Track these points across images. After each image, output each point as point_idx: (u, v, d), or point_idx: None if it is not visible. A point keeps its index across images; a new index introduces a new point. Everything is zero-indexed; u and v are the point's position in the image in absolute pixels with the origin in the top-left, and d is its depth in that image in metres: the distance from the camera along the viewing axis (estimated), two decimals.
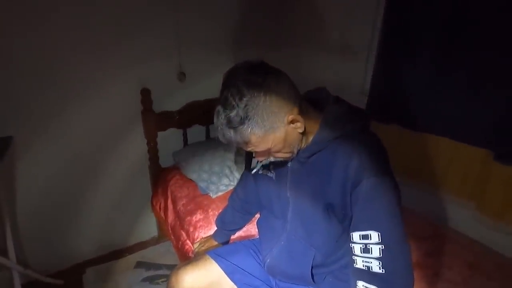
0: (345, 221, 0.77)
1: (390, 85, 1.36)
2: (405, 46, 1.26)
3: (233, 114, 0.65)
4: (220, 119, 0.67)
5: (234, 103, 0.64)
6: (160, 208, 1.67)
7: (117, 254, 1.80)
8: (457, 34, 1.12)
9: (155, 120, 1.63)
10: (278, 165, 0.87)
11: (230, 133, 0.67)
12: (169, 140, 1.76)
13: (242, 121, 0.65)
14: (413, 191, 1.41)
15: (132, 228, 1.85)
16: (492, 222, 1.12)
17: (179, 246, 1.42)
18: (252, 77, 0.64)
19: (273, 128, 0.67)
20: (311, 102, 0.80)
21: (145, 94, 1.58)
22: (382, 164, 0.71)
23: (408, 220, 1.30)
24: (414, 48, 1.24)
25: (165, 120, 1.67)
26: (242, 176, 1.13)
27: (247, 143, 0.69)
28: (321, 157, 0.76)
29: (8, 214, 1.31)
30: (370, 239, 0.70)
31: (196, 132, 1.82)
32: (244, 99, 0.64)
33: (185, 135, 1.79)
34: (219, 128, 0.69)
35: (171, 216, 1.57)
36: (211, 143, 1.73)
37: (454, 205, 1.27)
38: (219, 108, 0.67)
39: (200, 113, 1.75)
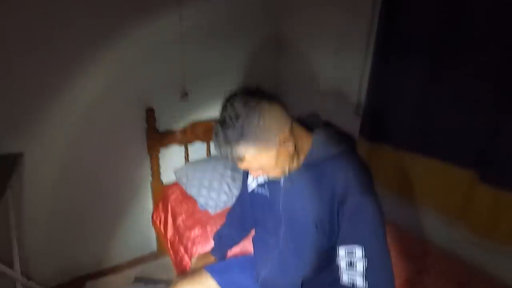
0: (333, 236, 0.82)
1: (382, 107, 1.43)
2: (396, 73, 1.34)
3: (230, 132, 0.72)
4: (218, 137, 0.75)
5: (231, 122, 0.72)
6: (160, 223, 1.72)
7: (117, 268, 1.83)
8: (444, 63, 1.20)
9: (158, 138, 1.70)
10: (272, 184, 0.93)
11: (227, 150, 0.74)
12: (171, 156, 1.83)
13: (238, 140, 0.72)
14: (404, 209, 1.46)
15: (132, 243, 1.88)
16: (480, 241, 1.16)
17: (178, 261, 1.45)
18: (248, 100, 0.72)
19: (266, 147, 0.74)
20: (303, 125, 0.87)
21: (150, 113, 1.66)
22: (366, 185, 0.77)
23: (398, 238, 1.36)
24: (404, 74, 1.32)
25: (168, 137, 1.74)
26: (239, 194, 1.19)
27: (241, 160, 0.75)
28: (311, 176, 0.82)
29: (15, 227, 1.36)
30: (355, 254, 0.75)
31: (197, 149, 1.89)
32: (240, 119, 0.71)
33: (186, 152, 1.85)
34: (216, 144, 0.76)
35: (170, 231, 1.61)
36: (211, 161, 1.79)
37: (443, 223, 1.31)
38: (218, 126, 0.75)
39: (201, 132, 1.83)
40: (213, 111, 1.86)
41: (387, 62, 1.35)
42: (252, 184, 1.01)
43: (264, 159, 0.75)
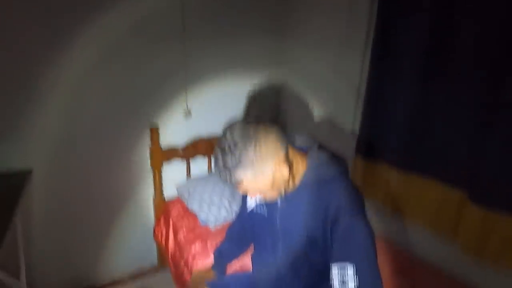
0: (327, 255, 0.87)
1: (377, 127, 1.49)
2: (390, 93, 1.41)
3: (229, 160, 0.78)
4: (218, 162, 0.80)
5: (230, 150, 0.78)
6: (161, 237, 1.76)
7: (118, 281, 1.87)
8: (435, 84, 1.27)
9: (161, 155, 1.76)
10: (269, 203, 0.98)
11: (226, 175, 0.80)
12: (173, 171, 1.88)
13: (236, 166, 0.78)
14: (398, 226, 1.51)
15: (134, 256, 1.92)
16: (471, 259, 1.20)
17: (178, 275, 1.49)
18: (246, 130, 0.78)
19: (262, 172, 0.79)
20: (298, 148, 0.93)
21: (154, 131, 1.73)
22: (357, 207, 0.83)
23: (391, 254, 1.40)
24: (397, 95, 1.39)
25: (171, 154, 1.80)
26: (239, 211, 1.24)
27: (240, 184, 0.81)
28: (306, 197, 0.87)
29: (22, 239, 1.40)
30: (347, 272, 0.79)
31: (199, 164, 1.95)
32: (238, 147, 0.77)
33: (188, 167, 1.91)
34: (217, 170, 0.82)
35: (171, 246, 1.65)
36: (212, 176, 1.85)
37: (435, 241, 1.35)
38: (218, 154, 0.81)
39: (203, 148, 1.89)
40: (214, 128, 1.92)
41: (381, 87, 1.43)
42: (250, 203, 1.06)
43: (260, 183, 0.81)
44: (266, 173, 0.80)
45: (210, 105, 1.89)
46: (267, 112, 2.12)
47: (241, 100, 2.01)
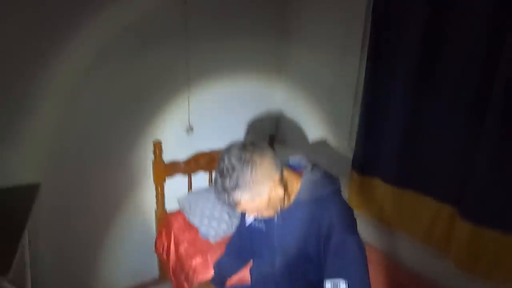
0: (321, 268, 0.91)
1: (371, 145, 1.55)
2: (382, 115, 1.47)
3: (227, 183, 0.83)
4: (217, 185, 0.86)
5: (228, 174, 0.83)
6: (163, 250, 1.80)
7: None
8: (424, 103, 1.33)
9: (164, 169, 1.82)
10: (267, 219, 1.04)
11: (224, 197, 0.85)
12: (175, 185, 1.94)
13: (233, 189, 0.83)
14: (394, 240, 1.55)
15: (135, 269, 1.96)
16: (463, 274, 1.23)
17: None
18: (242, 154, 0.84)
19: (259, 193, 0.85)
20: (293, 167, 0.99)
21: (157, 146, 1.79)
22: (348, 224, 0.88)
23: (386, 267, 1.43)
24: (390, 115, 1.45)
25: (173, 168, 1.86)
26: (238, 226, 1.29)
27: (237, 205, 0.86)
28: (300, 214, 0.92)
29: (29, 254, 1.45)
30: (339, 287, 0.84)
31: (200, 178, 2.00)
32: (236, 171, 0.82)
33: (190, 181, 1.97)
34: (216, 192, 0.87)
35: (173, 259, 1.69)
36: (213, 190, 1.89)
37: (429, 255, 1.39)
38: (217, 177, 0.86)
39: (204, 162, 1.95)
40: (215, 143, 1.99)
41: (375, 107, 1.50)
42: (249, 217, 1.11)
43: (257, 204, 0.86)
44: (263, 194, 0.85)
45: (211, 121, 1.96)
46: (266, 130, 2.19)
47: (242, 116, 2.08)
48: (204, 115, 1.93)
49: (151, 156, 1.82)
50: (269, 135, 2.16)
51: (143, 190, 1.87)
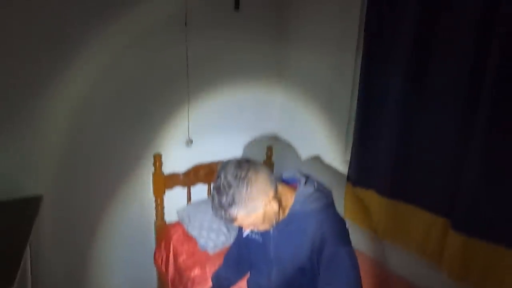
0: (316, 281, 0.94)
1: (366, 156, 1.59)
2: (376, 129, 1.52)
3: (223, 199, 0.87)
4: (214, 202, 0.90)
5: (224, 191, 0.87)
6: (162, 262, 1.82)
7: None
8: (415, 116, 1.38)
9: (163, 181, 1.86)
10: (264, 231, 1.07)
11: (222, 213, 0.89)
12: (175, 197, 1.97)
13: (230, 205, 0.87)
14: (389, 251, 1.58)
15: (134, 280, 1.97)
16: (457, 284, 1.26)
17: None
18: (238, 171, 0.88)
19: (254, 209, 0.88)
20: (287, 181, 1.03)
21: (157, 158, 1.84)
22: (340, 237, 0.91)
23: (381, 278, 1.45)
24: (382, 129, 1.50)
25: (173, 180, 1.90)
26: (236, 237, 1.32)
27: (234, 220, 0.90)
28: (295, 228, 0.96)
29: (30, 265, 1.47)
30: None
31: (199, 190, 2.04)
32: (232, 189, 0.86)
33: (189, 193, 2.00)
34: (213, 208, 0.91)
35: (171, 270, 1.71)
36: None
37: (424, 266, 1.41)
38: (214, 193, 0.90)
39: (203, 174, 1.99)
40: (214, 155, 2.03)
41: (368, 123, 1.55)
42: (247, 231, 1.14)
43: (253, 219, 0.90)
44: (258, 210, 0.89)
45: (211, 133, 2.02)
46: (265, 142, 2.24)
47: (241, 128, 2.13)
48: (203, 128, 1.98)
49: (151, 168, 1.86)
50: (267, 147, 2.20)
51: (143, 202, 1.90)
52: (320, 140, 1.94)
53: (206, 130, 2.00)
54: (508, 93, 1.09)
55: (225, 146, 2.07)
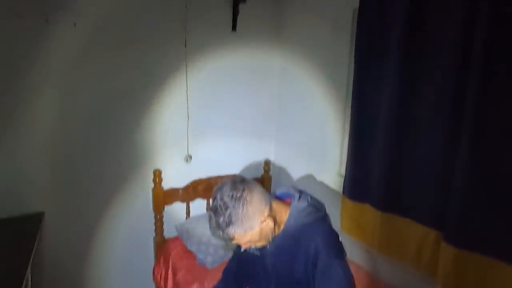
0: None
1: (360, 171, 1.64)
2: (369, 143, 1.58)
3: (220, 220, 0.91)
4: (211, 223, 0.94)
5: (221, 212, 0.91)
6: (160, 278, 1.83)
7: None
8: (406, 136, 1.44)
9: (163, 197, 1.89)
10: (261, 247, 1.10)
11: (219, 233, 0.93)
12: (174, 212, 2.00)
13: (227, 225, 0.91)
14: (385, 264, 1.60)
15: None
16: None
17: None
18: (233, 192, 0.92)
19: (251, 227, 0.92)
20: (282, 197, 1.08)
21: (157, 174, 1.88)
22: (334, 250, 0.95)
23: None
24: (376, 144, 1.55)
25: (172, 196, 1.94)
26: (234, 252, 1.34)
27: (231, 239, 0.94)
28: (290, 242, 1.00)
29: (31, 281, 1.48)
30: None
31: (198, 205, 2.07)
32: (228, 209, 0.91)
33: (188, 208, 2.03)
34: (211, 228, 0.95)
35: (170, 286, 1.72)
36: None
37: (418, 279, 1.44)
38: (211, 214, 0.94)
39: (202, 189, 2.03)
40: (213, 170, 2.08)
41: (361, 141, 1.61)
42: None
43: (250, 237, 0.94)
44: (254, 228, 0.93)
45: (209, 150, 2.07)
46: (262, 156, 2.29)
47: (239, 144, 2.19)
48: (202, 144, 2.04)
49: (150, 184, 1.90)
50: (264, 162, 2.25)
51: (142, 218, 1.93)
52: (316, 155, 2.00)
53: (204, 146, 2.05)
54: (490, 110, 1.15)
55: (223, 162, 2.12)
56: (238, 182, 0.95)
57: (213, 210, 0.93)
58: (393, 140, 1.46)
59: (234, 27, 2.00)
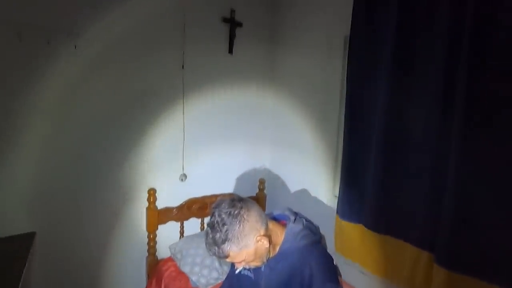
0: None
1: (353, 192, 1.66)
2: (362, 165, 1.61)
3: (217, 236, 0.92)
4: (208, 239, 0.95)
5: (218, 228, 0.93)
6: None
7: None
8: (398, 159, 1.48)
9: (157, 216, 1.88)
10: (255, 268, 1.11)
11: (215, 249, 0.94)
12: (167, 231, 1.98)
13: (223, 241, 0.92)
14: (378, 285, 1.60)
15: None
16: None
17: None
18: (231, 209, 0.94)
19: (246, 245, 0.94)
20: (278, 218, 1.09)
21: (151, 193, 1.88)
22: (328, 273, 0.96)
23: None
24: (368, 167, 1.59)
25: (166, 214, 1.93)
26: (228, 274, 1.34)
27: (226, 257, 0.95)
28: (284, 265, 1.01)
29: None
30: None
31: (192, 225, 2.06)
32: (225, 226, 0.92)
33: (182, 228, 2.01)
34: (207, 244, 0.96)
35: None
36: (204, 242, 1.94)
37: None
38: (208, 230, 0.95)
39: (196, 208, 2.02)
40: (207, 189, 2.08)
41: (353, 163, 1.65)
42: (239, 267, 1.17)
43: (244, 255, 0.95)
44: (250, 247, 0.94)
45: (204, 169, 2.08)
46: (257, 176, 2.31)
47: (233, 165, 2.21)
48: (197, 163, 2.05)
49: (145, 203, 1.89)
50: (259, 180, 2.27)
51: (135, 237, 1.91)
52: (310, 176, 2.03)
53: (200, 166, 2.07)
54: (477, 134, 1.19)
55: (218, 181, 2.13)
56: (236, 200, 0.97)
57: (210, 226, 0.95)
58: (384, 162, 1.50)
59: (230, 50, 2.07)
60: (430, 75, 1.35)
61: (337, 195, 1.77)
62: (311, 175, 2.02)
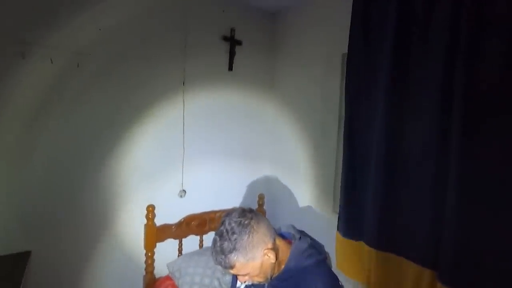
0: None
1: (354, 209, 1.65)
2: (361, 182, 1.62)
3: (225, 244, 0.91)
4: (215, 247, 0.94)
5: (227, 236, 0.92)
6: None
7: None
8: (397, 176, 1.48)
9: (155, 233, 1.85)
10: (257, 286, 1.08)
11: (221, 258, 0.93)
12: (166, 248, 1.95)
13: (231, 251, 0.91)
14: None
15: None
16: None
17: None
18: (242, 219, 0.94)
19: (253, 258, 0.92)
20: (283, 236, 1.08)
21: (150, 210, 1.85)
22: None
23: None
24: (368, 184, 1.59)
25: (165, 231, 1.90)
26: None
27: (232, 267, 0.93)
28: (289, 283, 0.99)
29: None
30: None
31: (191, 242, 2.02)
32: (235, 235, 0.91)
33: (180, 245, 1.98)
34: (213, 253, 0.94)
35: None
36: (204, 255, 1.91)
37: None
38: (217, 238, 0.94)
39: (195, 225, 1.99)
40: (206, 206, 2.06)
41: (353, 181, 1.65)
42: (239, 283, 1.15)
43: (250, 268, 0.93)
44: (256, 259, 0.93)
45: (203, 185, 2.07)
46: (256, 191, 2.29)
47: (233, 181, 2.20)
48: (197, 179, 2.05)
49: (143, 220, 1.86)
50: (258, 196, 2.25)
51: (132, 255, 1.87)
52: (310, 192, 2.02)
53: (199, 182, 2.06)
54: (477, 150, 1.20)
55: (218, 197, 2.12)
56: (247, 210, 0.96)
57: (219, 235, 0.94)
58: (384, 179, 1.50)
59: (230, 67, 2.10)
60: (427, 91, 1.38)
61: (337, 212, 1.76)
62: (311, 191, 2.01)
